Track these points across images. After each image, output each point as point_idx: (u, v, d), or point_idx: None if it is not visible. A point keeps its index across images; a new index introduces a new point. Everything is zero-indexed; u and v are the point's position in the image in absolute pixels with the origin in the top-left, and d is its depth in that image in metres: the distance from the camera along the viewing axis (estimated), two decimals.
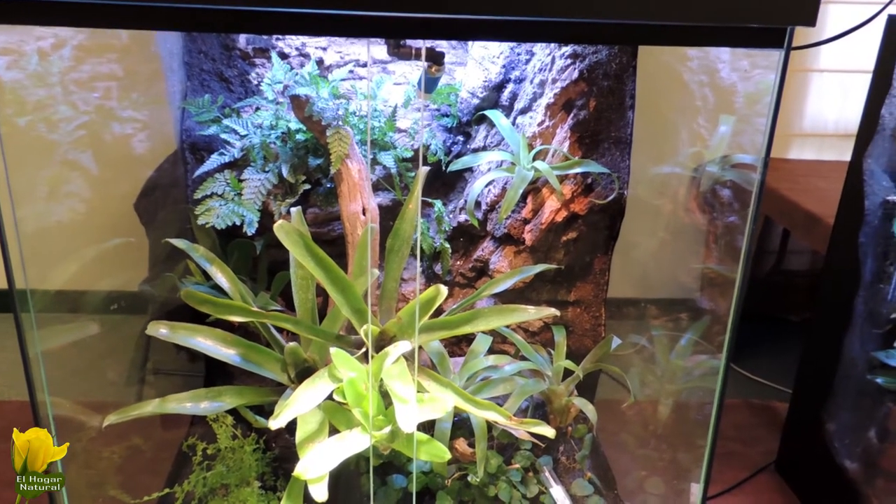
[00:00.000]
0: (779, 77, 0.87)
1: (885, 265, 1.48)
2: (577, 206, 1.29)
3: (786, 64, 0.86)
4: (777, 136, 2.88)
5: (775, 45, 0.85)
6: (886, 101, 1.44)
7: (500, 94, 1.38)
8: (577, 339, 1.40)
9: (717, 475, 1.70)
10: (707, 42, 0.93)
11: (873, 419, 1.52)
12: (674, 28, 0.85)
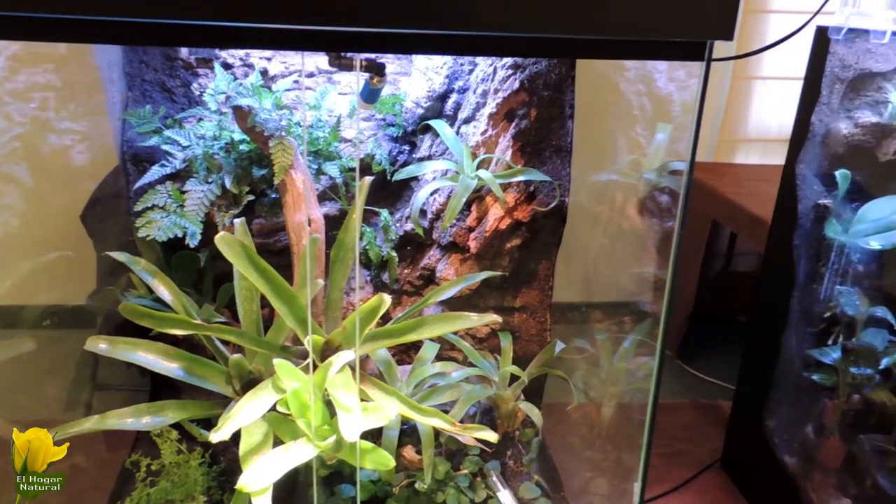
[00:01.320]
0: (700, 88, 0.90)
1: (817, 266, 1.54)
2: (521, 214, 1.32)
3: (706, 75, 0.89)
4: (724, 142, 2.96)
5: (696, 58, 0.88)
6: (816, 108, 1.51)
7: (445, 103, 1.40)
8: (524, 344, 1.42)
9: (665, 474, 1.74)
10: (633, 56, 0.96)
11: (810, 415, 1.58)
12: (601, 42, 0.88)
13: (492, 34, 0.83)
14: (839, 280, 1.51)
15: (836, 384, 1.50)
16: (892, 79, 1.49)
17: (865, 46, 1.45)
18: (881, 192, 1.52)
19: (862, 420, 1.51)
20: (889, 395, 1.45)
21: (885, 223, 1.49)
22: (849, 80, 1.48)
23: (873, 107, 1.51)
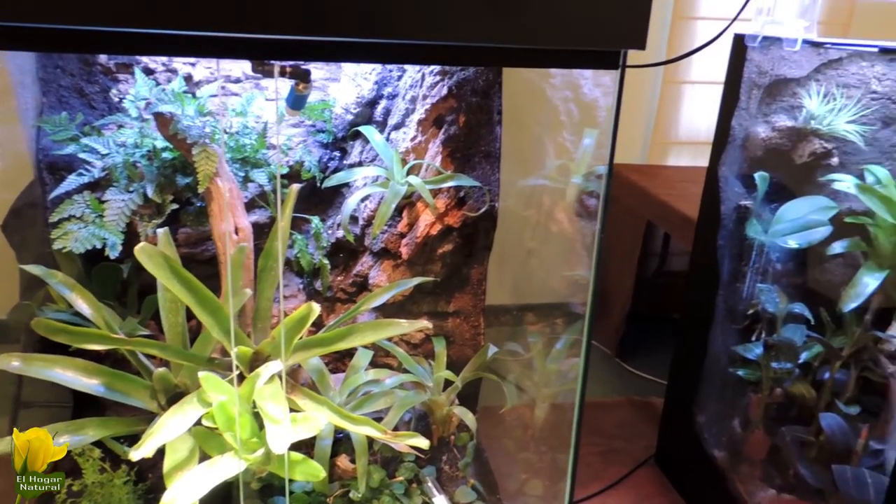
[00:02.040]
0: (616, 94, 0.92)
1: (740, 265, 1.59)
2: (452, 219, 1.32)
3: (621, 83, 0.92)
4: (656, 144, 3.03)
5: (611, 66, 0.90)
6: (736, 113, 1.56)
7: (374, 109, 1.39)
8: (458, 348, 1.43)
9: (601, 472, 1.78)
10: (550, 64, 0.98)
11: (736, 409, 1.63)
12: (520, 50, 0.89)
13: (409, 42, 0.83)
14: (760, 278, 1.57)
15: (760, 379, 1.56)
16: (805, 85, 1.56)
17: (780, 54, 1.51)
18: (798, 192, 1.59)
19: (784, 413, 1.57)
20: (808, 388, 1.51)
21: (802, 223, 1.55)
22: (765, 86, 1.55)
23: (789, 111, 1.58)
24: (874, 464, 1.38)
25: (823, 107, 1.55)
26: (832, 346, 1.49)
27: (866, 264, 1.47)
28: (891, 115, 1.58)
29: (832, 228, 1.52)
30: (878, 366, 1.47)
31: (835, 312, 1.47)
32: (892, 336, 1.45)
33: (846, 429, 1.43)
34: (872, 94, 1.56)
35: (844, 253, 1.53)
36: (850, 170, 1.58)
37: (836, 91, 1.54)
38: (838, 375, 1.50)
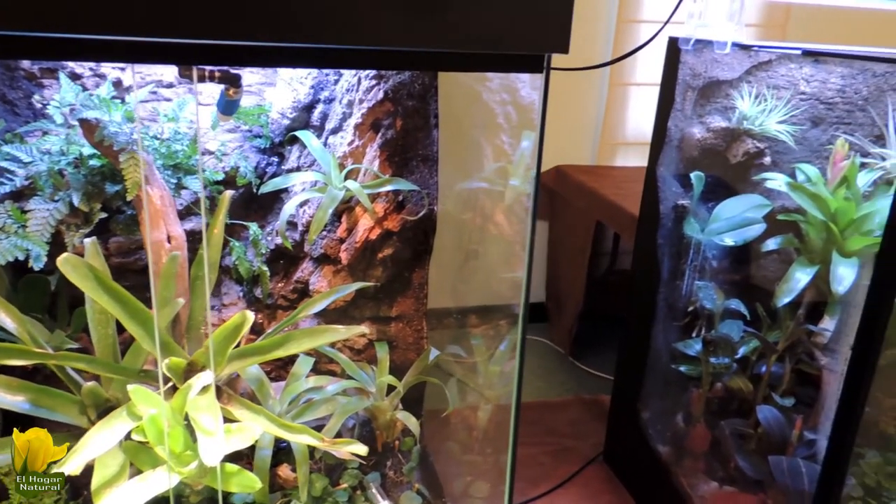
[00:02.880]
0: (542, 97, 0.93)
1: (679, 264, 1.63)
2: (391, 224, 1.32)
3: (546, 86, 0.92)
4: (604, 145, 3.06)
5: (536, 69, 0.91)
6: (672, 114, 1.60)
7: (311, 114, 1.38)
8: (402, 353, 1.42)
9: (552, 471, 1.79)
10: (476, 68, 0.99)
11: (679, 405, 1.67)
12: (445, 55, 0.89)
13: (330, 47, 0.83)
14: (698, 276, 1.61)
15: (701, 374, 1.59)
16: (737, 86, 1.60)
17: (712, 56, 1.55)
18: (733, 191, 1.63)
19: (724, 407, 1.61)
20: (745, 382, 1.55)
21: (738, 221, 1.59)
22: (699, 88, 1.58)
23: (723, 112, 1.62)
24: (808, 453, 1.42)
25: (755, 108, 1.59)
26: (767, 340, 1.53)
27: (798, 260, 1.52)
28: (819, 116, 1.64)
29: (766, 226, 1.56)
30: (812, 358, 1.52)
31: (770, 308, 1.51)
32: (823, 329, 1.49)
33: (781, 420, 1.47)
34: (801, 95, 1.61)
35: (778, 249, 1.58)
36: (782, 168, 1.63)
37: (766, 92, 1.59)
38: (774, 368, 1.54)
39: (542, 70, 0.91)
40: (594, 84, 2.74)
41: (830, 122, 1.64)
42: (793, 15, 2.77)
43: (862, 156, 1.56)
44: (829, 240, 1.49)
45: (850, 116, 1.65)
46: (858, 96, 1.63)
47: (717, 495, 1.54)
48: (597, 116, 2.78)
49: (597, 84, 2.73)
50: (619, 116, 2.76)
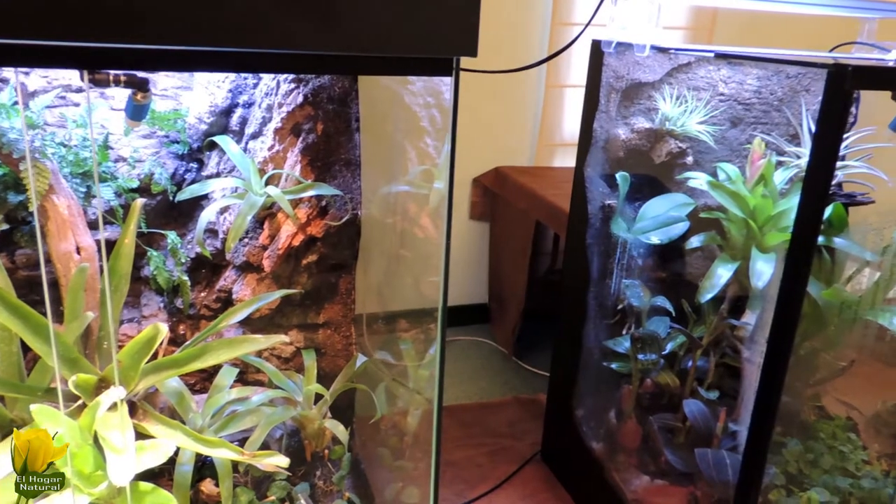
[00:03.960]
0: (452, 99, 0.93)
1: (607, 263, 1.65)
2: (314, 229, 1.30)
3: (457, 89, 0.92)
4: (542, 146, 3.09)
5: (445, 73, 0.91)
6: (597, 116, 1.62)
7: (230, 118, 1.35)
8: (331, 360, 1.40)
9: (490, 472, 1.80)
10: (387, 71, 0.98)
11: (611, 401, 1.69)
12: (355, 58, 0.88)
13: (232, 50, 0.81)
14: (626, 274, 1.64)
15: (631, 371, 1.62)
16: (659, 88, 1.64)
17: (634, 59, 1.58)
18: (658, 191, 1.66)
19: (653, 402, 1.64)
20: (672, 377, 1.58)
21: (663, 219, 1.63)
22: (623, 90, 1.61)
23: (646, 113, 1.66)
24: (732, 444, 1.46)
25: (676, 109, 1.63)
26: (693, 335, 1.56)
27: (721, 256, 1.56)
28: (737, 116, 1.69)
29: (689, 224, 1.60)
30: (735, 351, 1.56)
31: (695, 303, 1.55)
32: (745, 323, 1.54)
33: (707, 413, 1.50)
34: (720, 97, 1.66)
35: (702, 246, 1.62)
36: (704, 167, 1.67)
37: (687, 94, 1.63)
38: (700, 363, 1.58)
39: (451, 73, 0.91)
40: (531, 86, 2.76)
41: (748, 123, 1.69)
42: (719, 18, 2.85)
43: (778, 154, 1.62)
44: (748, 236, 1.53)
45: (767, 116, 1.70)
46: (774, 97, 1.69)
47: (649, 489, 1.56)
48: (534, 118, 2.81)
49: (533, 86, 2.76)
50: (555, 118, 2.79)
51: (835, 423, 1.65)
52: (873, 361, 1.72)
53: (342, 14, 0.83)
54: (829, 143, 1.11)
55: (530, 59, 1.39)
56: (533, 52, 2.64)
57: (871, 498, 1.48)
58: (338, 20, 0.83)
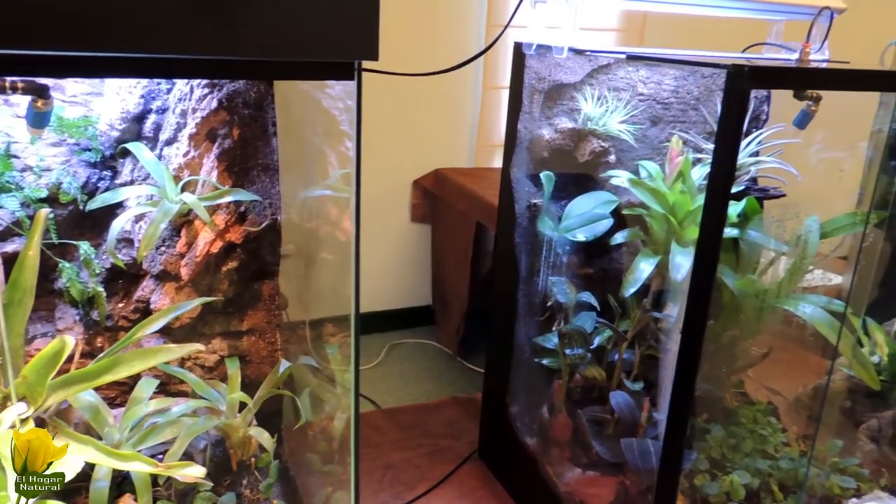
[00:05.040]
0: (356, 103, 0.93)
1: (535, 261, 1.68)
2: (233, 236, 1.29)
3: (359, 93, 0.93)
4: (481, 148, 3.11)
5: (347, 77, 0.91)
6: (521, 117, 1.65)
7: (143, 125, 1.32)
8: (256, 367, 1.39)
9: (428, 472, 1.81)
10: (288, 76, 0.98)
11: (543, 397, 1.72)
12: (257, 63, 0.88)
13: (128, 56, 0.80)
14: (553, 271, 1.67)
15: (560, 366, 1.65)
16: (581, 89, 1.67)
17: (555, 61, 1.61)
18: (583, 189, 1.70)
19: (583, 395, 1.67)
20: (599, 371, 1.62)
21: (588, 217, 1.66)
22: (545, 91, 1.64)
23: (569, 114, 1.69)
24: (656, 433, 1.50)
25: (598, 109, 1.67)
26: (617, 329, 1.60)
27: (643, 251, 1.60)
28: (656, 115, 1.74)
29: (613, 220, 1.64)
30: (658, 343, 1.61)
31: (619, 298, 1.59)
32: (667, 315, 1.58)
33: (632, 404, 1.54)
34: (639, 97, 1.70)
35: (626, 242, 1.66)
36: (626, 166, 1.71)
37: (608, 94, 1.67)
38: (626, 355, 1.62)
39: (353, 78, 0.92)
40: (468, 88, 2.79)
41: (667, 121, 1.74)
42: (649, 21, 2.93)
43: (696, 152, 1.67)
44: (669, 231, 1.58)
45: (685, 115, 1.76)
46: (690, 96, 1.75)
47: (581, 481, 1.59)
48: (473, 119, 2.84)
49: (471, 87, 2.79)
50: (493, 119, 2.82)
51: (756, 407, 1.72)
52: (796, 348, 1.79)
53: (240, 18, 0.82)
54: (731, 140, 1.16)
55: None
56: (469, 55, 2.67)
57: (788, 477, 1.55)
58: (235, 24, 0.82)
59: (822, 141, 1.68)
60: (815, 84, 1.32)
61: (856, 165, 1.86)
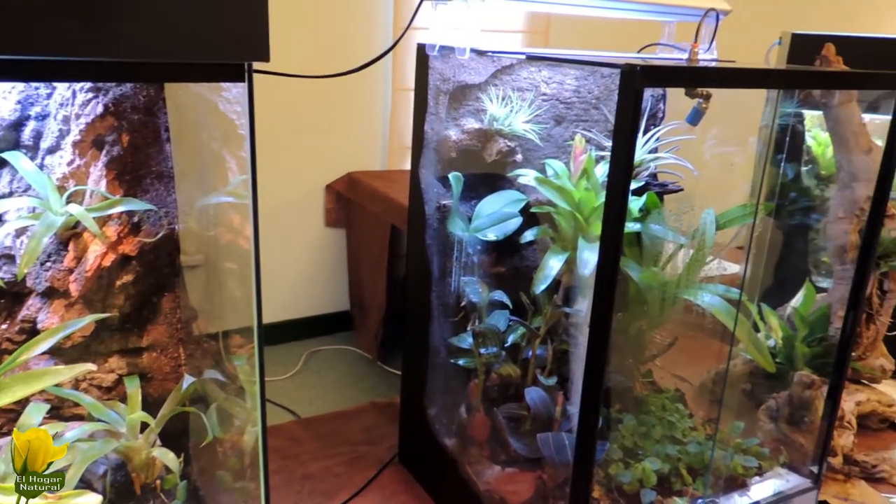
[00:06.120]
0: (248, 106, 0.90)
1: (447, 262, 1.68)
2: (127, 247, 1.22)
3: (251, 95, 0.90)
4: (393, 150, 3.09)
5: (238, 79, 0.88)
6: (427, 118, 1.65)
7: (21, 132, 1.23)
8: (159, 384, 1.32)
9: (348, 480, 1.78)
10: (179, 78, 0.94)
11: (461, 397, 1.72)
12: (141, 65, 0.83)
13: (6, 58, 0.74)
14: (465, 272, 1.67)
15: (476, 365, 1.66)
16: (485, 89, 1.69)
17: (458, 62, 1.62)
18: (492, 189, 1.72)
19: (501, 393, 1.69)
20: (514, 368, 1.64)
21: (498, 216, 1.68)
22: (450, 92, 1.65)
23: (475, 114, 1.70)
24: (570, 426, 1.53)
25: (503, 109, 1.69)
26: (530, 326, 1.63)
27: (552, 248, 1.63)
28: (560, 114, 1.78)
29: (522, 219, 1.66)
30: (570, 337, 1.64)
31: (531, 295, 1.62)
32: (577, 310, 1.62)
33: (546, 399, 1.57)
34: (543, 96, 1.74)
35: (536, 240, 1.69)
36: (533, 164, 1.74)
37: (512, 94, 1.69)
38: (539, 352, 1.65)
39: (244, 79, 0.88)
40: (378, 90, 2.77)
41: (571, 120, 1.79)
42: (553, 23, 3.00)
43: (598, 149, 1.72)
44: (576, 227, 1.62)
45: (587, 114, 1.81)
46: (591, 96, 1.80)
47: (500, 478, 1.61)
48: (384, 122, 2.83)
49: (381, 90, 2.77)
50: (404, 121, 2.82)
51: (664, 395, 1.79)
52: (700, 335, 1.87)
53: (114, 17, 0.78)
54: (627, 137, 1.19)
55: (377, 64, 1.40)
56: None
57: (696, 461, 1.61)
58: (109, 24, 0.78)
59: (715, 137, 1.76)
60: (703, 82, 1.38)
61: (747, 159, 1.96)
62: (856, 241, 1.89)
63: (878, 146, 1.86)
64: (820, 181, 2.34)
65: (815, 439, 1.72)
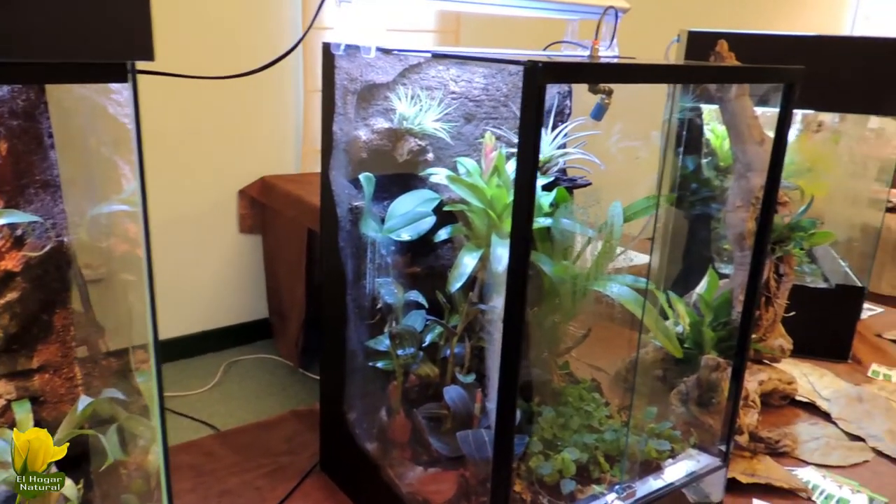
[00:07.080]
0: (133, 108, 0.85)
1: (361, 264, 1.66)
2: (10, 263, 1.14)
3: (136, 97, 0.85)
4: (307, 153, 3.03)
5: (120, 79, 0.83)
6: (335, 118, 1.62)
7: None
8: (53, 408, 1.24)
9: (269, 493, 1.73)
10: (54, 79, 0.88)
11: (381, 400, 1.71)
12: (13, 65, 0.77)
13: None
14: (379, 273, 1.66)
15: (394, 367, 1.65)
16: (394, 89, 1.68)
17: (365, 61, 1.60)
18: (404, 188, 1.71)
19: (420, 394, 1.68)
20: (431, 367, 1.64)
21: (411, 216, 1.67)
22: (358, 92, 1.62)
23: (385, 114, 1.69)
24: (489, 423, 1.54)
25: (412, 108, 1.68)
26: (447, 325, 1.63)
27: (466, 246, 1.64)
28: (470, 112, 1.79)
29: (436, 218, 1.66)
30: (486, 334, 1.65)
31: (447, 294, 1.62)
32: (492, 307, 1.64)
33: (465, 397, 1.58)
34: (452, 95, 1.74)
35: (450, 238, 1.69)
36: (445, 163, 1.75)
37: (421, 93, 1.69)
38: (457, 350, 1.65)
39: (127, 79, 0.84)
40: (290, 91, 2.71)
41: (481, 118, 1.80)
42: (463, 22, 3.02)
43: (508, 146, 1.74)
44: (489, 224, 1.63)
45: (496, 112, 1.83)
46: (500, 93, 1.82)
47: (423, 479, 1.60)
48: (296, 124, 2.77)
49: (292, 91, 2.71)
50: (317, 123, 2.76)
51: (581, 386, 1.83)
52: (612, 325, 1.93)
53: None
54: (532, 132, 1.21)
55: (286, 64, 1.36)
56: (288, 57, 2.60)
57: (613, 448, 1.66)
58: None
59: (620, 131, 1.82)
60: (604, 78, 1.42)
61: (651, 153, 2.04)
62: (753, 228, 1.99)
63: (769, 137, 1.96)
64: (719, 172, 2.46)
65: (723, 419, 1.80)
